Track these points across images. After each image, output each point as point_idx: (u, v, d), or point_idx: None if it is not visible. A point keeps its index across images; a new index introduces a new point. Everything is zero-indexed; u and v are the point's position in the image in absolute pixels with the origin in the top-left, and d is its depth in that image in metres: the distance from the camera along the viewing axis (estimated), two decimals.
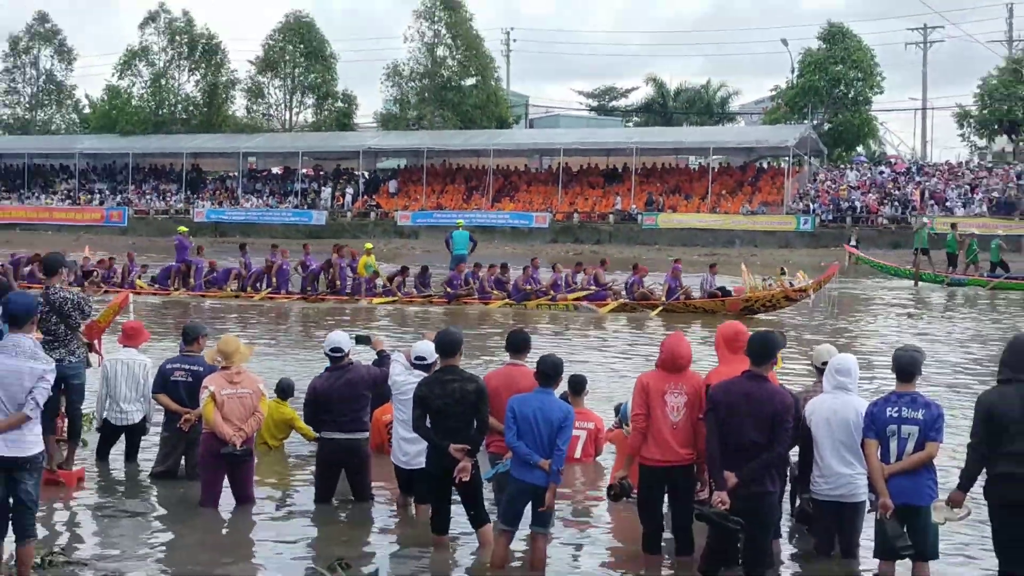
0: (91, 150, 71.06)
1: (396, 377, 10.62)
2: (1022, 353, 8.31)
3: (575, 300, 30.38)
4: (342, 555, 8.94)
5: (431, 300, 31.64)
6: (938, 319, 29.85)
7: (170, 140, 71.82)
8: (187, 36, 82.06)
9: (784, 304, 29.28)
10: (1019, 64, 70.08)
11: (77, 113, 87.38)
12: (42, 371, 7.61)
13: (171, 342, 19.68)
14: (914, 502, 8.51)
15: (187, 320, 13.75)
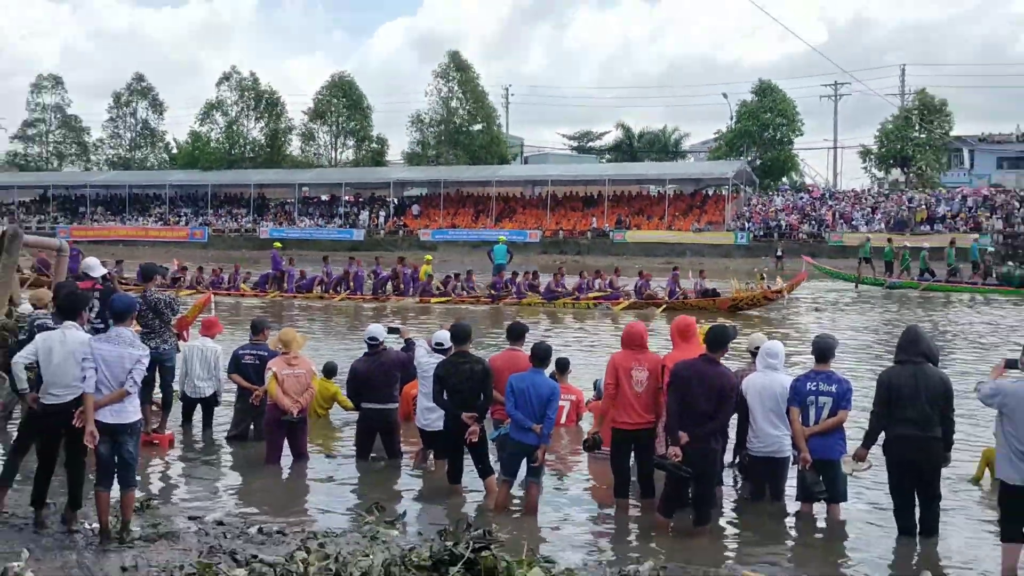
0: (178, 182, 71.03)
1: (420, 360, 10.66)
2: (913, 340, 8.37)
3: (594, 299, 29.95)
4: (377, 499, 8.98)
5: (478, 300, 31.00)
6: (846, 313, 29.78)
7: (240, 174, 71.79)
8: (253, 92, 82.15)
9: (764, 303, 29.00)
10: (909, 113, 70.13)
11: (167, 153, 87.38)
12: (139, 356, 7.66)
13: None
14: (828, 457, 8.58)
15: (271, 317, 13.43)
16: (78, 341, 7.69)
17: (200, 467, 10.56)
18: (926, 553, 7.94)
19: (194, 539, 7.63)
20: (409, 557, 6.75)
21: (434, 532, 7.65)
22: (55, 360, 7.66)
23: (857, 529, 8.60)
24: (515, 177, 68.53)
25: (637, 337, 8.96)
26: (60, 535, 7.65)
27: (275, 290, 32.68)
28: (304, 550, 6.98)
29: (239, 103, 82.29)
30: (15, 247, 10.71)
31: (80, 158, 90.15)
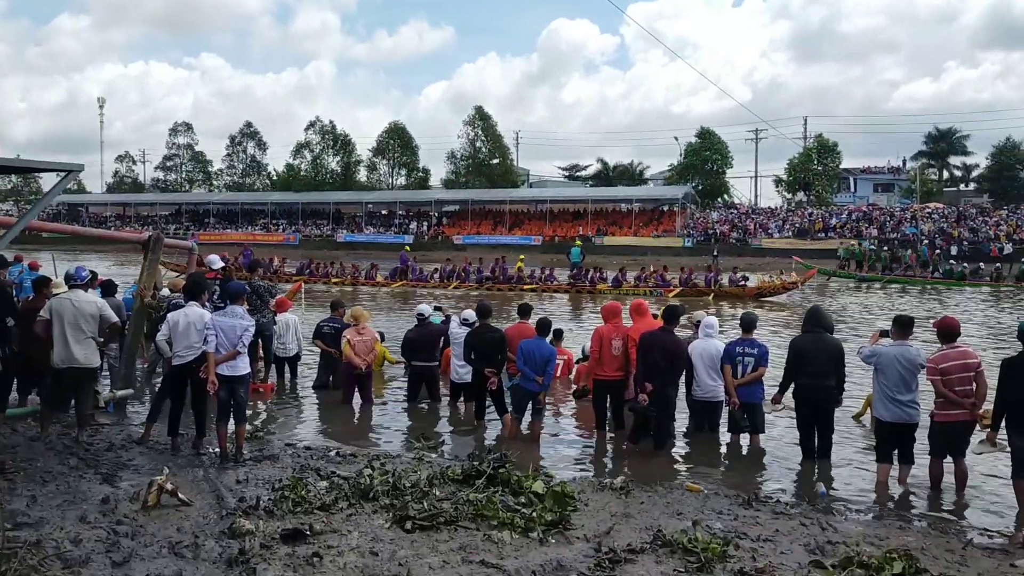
0: (277, 201, 70.68)
1: (453, 331, 10.71)
2: (814, 316, 8.38)
3: (650, 288, 28.12)
4: (422, 431, 8.97)
5: (561, 288, 29.70)
6: (830, 297, 28.95)
7: (322, 195, 71.48)
8: (331, 134, 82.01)
9: (782, 292, 27.40)
10: (810, 151, 69.62)
11: (268, 179, 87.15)
12: (247, 326, 7.68)
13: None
14: (751, 400, 8.57)
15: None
16: (197, 315, 7.76)
17: (293, 408, 10.55)
18: (822, 470, 7.91)
19: (289, 460, 7.63)
20: (446, 472, 6.75)
21: (464, 455, 7.66)
22: (180, 330, 7.76)
23: (772, 453, 8.55)
24: (523, 197, 68.26)
25: (615, 312, 8.98)
26: (191, 457, 7.67)
27: (402, 281, 31.99)
28: (370, 467, 6.99)
29: (321, 143, 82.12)
30: (158, 247, 10.75)
31: (205, 183, 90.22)
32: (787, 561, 5.23)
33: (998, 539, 6.04)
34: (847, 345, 9.03)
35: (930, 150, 75.33)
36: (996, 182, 66.36)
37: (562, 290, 29.69)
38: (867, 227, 51.52)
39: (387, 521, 5.73)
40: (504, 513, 5.75)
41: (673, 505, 6.50)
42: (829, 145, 69.73)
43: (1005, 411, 6.58)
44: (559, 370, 11.86)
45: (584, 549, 5.30)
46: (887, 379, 7.28)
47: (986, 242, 45.71)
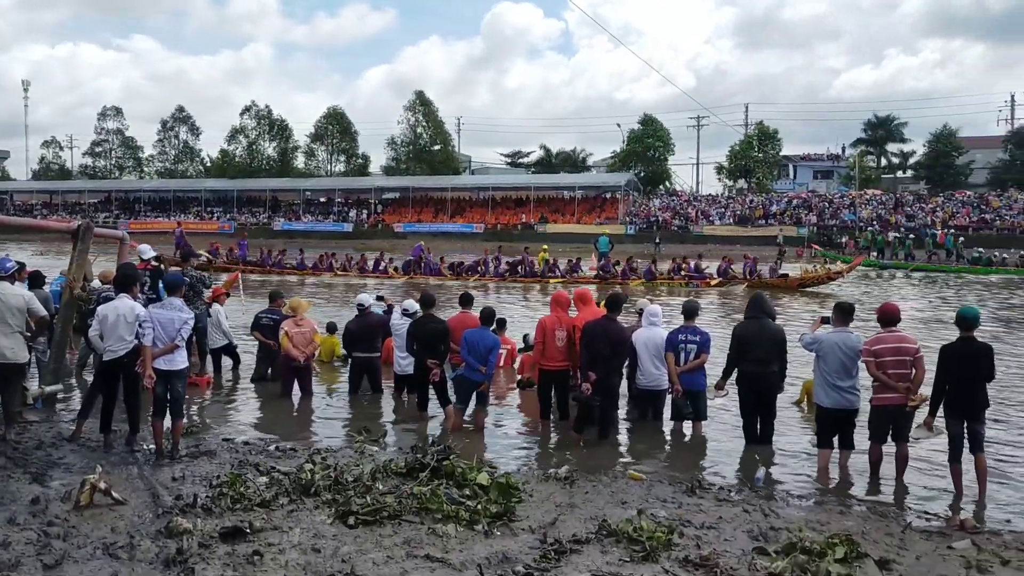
0: (211, 188, 69.21)
1: (394, 321, 10.62)
2: (756, 304, 8.52)
3: (685, 280, 27.48)
4: (364, 424, 8.89)
5: (589, 281, 27.69)
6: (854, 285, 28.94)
7: (258, 181, 70.33)
8: (268, 119, 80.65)
9: (826, 281, 26.71)
10: (751, 138, 70.91)
11: (202, 165, 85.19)
12: (186, 319, 7.54)
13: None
14: (694, 388, 8.69)
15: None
16: (128, 308, 7.57)
17: (231, 402, 10.37)
18: (764, 455, 8.06)
19: (227, 455, 7.50)
20: (389, 466, 6.72)
21: (408, 447, 7.61)
22: (109, 323, 7.55)
23: (715, 440, 8.70)
24: (465, 185, 68.12)
25: (560, 302, 9.00)
26: (125, 454, 7.49)
27: (415, 273, 30.77)
28: (311, 462, 6.91)
29: (257, 128, 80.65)
30: (88, 237, 10.41)
31: (135, 169, 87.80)
32: (731, 548, 5.33)
33: (936, 522, 6.24)
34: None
35: (869, 137, 77.30)
36: (933, 169, 68.49)
37: (591, 283, 27.62)
38: (807, 214, 52.72)
39: (329, 517, 5.68)
40: (449, 506, 5.74)
41: (618, 494, 6.57)
42: (769, 132, 71.11)
43: (942, 397, 6.83)
44: (503, 360, 11.88)
45: (529, 540, 5.33)
46: (828, 365, 7.45)
47: (923, 228, 47.18)
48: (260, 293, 21.78)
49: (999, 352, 7.54)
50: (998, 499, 6.92)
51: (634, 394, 9.39)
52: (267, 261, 33.34)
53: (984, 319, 16.84)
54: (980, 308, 17.54)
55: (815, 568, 4.79)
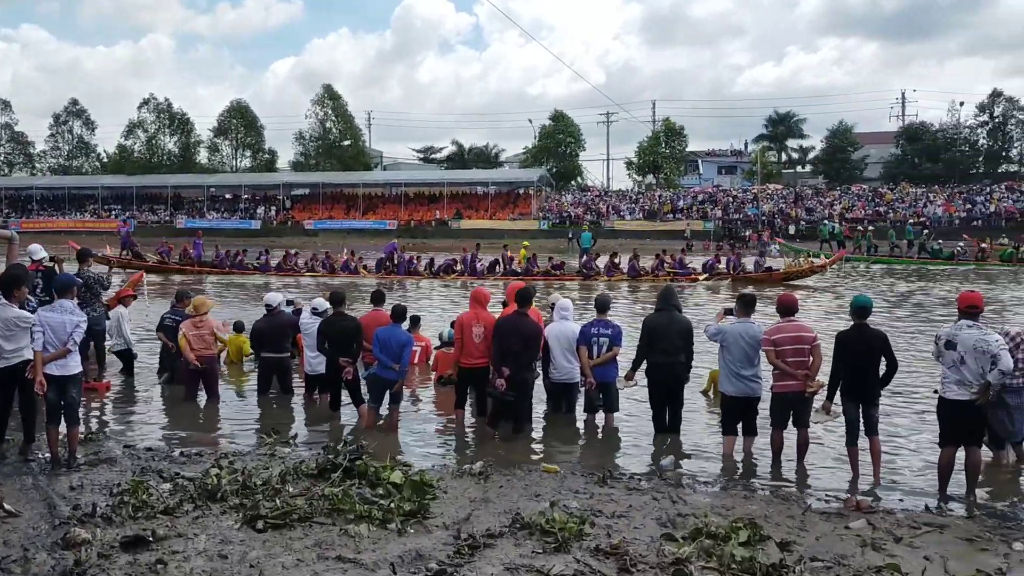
0: (108, 185, 66.56)
1: (304, 320, 10.44)
2: (666, 296, 8.70)
3: (671, 276, 26.72)
4: (274, 425, 8.71)
5: (572, 278, 27.58)
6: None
7: (159, 178, 67.92)
8: (168, 113, 78.02)
9: (810, 275, 26.73)
10: (659, 135, 72.31)
11: (99, 161, 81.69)
12: (78, 322, 7.22)
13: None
14: (606, 380, 8.81)
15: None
16: (13, 315, 7.21)
17: (132, 406, 10.00)
18: (672, 443, 8.28)
19: (128, 462, 7.24)
20: (300, 467, 6.61)
21: (319, 448, 7.50)
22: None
23: (626, 430, 8.87)
24: (377, 181, 67.31)
25: (477, 298, 8.99)
26: (19, 463, 7.14)
27: (391, 273, 29.36)
28: (217, 466, 6.73)
29: (157, 122, 77.86)
30: None
31: (26, 166, 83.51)
32: (640, 536, 5.45)
33: (834, 503, 6.51)
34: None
35: (770, 134, 79.94)
36: (830, 164, 71.22)
37: (575, 280, 27.67)
38: (712, 208, 54.17)
39: (237, 522, 5.55)
40: (361, 506, 5.68)
41: (531, 487, 6.62)
42: (676, 129, 72.72)
43: (839, 382, 7.14)
44: (416, 357, 11.84)
45: (443, 537, 5.32)
46: (731, 355, 7.69)
47: (822, 221, 49.13)
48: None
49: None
50: (892, 479, 7.28)
51: (547, 387, 9.48)
52: (226, 262, 31.56)
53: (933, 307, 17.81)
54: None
55: (720, 552, 4.93)
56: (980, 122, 66.53)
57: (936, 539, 5.60)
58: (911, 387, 10.72)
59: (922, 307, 20.48)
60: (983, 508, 6.56)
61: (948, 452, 6.76)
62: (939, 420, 6.84)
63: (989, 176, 62.57)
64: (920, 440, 8.38)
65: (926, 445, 8.01)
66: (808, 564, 4.91)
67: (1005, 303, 21.22)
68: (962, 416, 6.61)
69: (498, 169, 78.38)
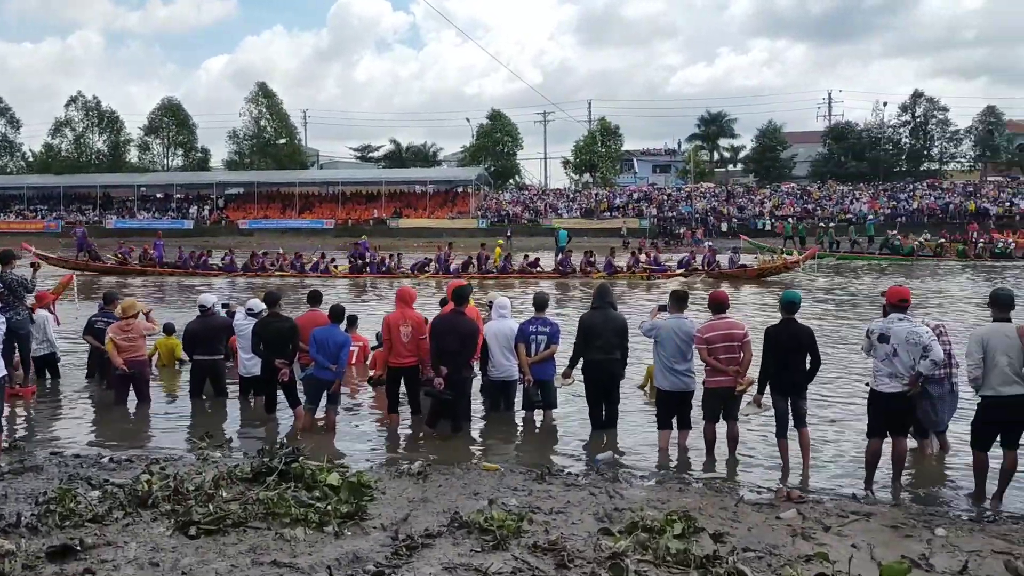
0: (34, 184, 64.19)
1: (238, 322, 10.23)
2: (603, 293, 8.76)
3: (647, 272, 27.01)
4: (207, 429, 8.51)
5: (550, 275, 27.63)
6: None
7: (87, 177, 65.88)
8: (97, 111, 75.62)
9: (783, 271, 27.01)
10: (595, 134, 72.86)
11: (24, 161, 78.78)
12: None
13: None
14: (544, 377, 8.85)
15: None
16: None
17: (59, 412, 9.69)
18: (609, 438, 8.36)
19: (55, 470, 6.99)
20: (234, 472, 6.45)
21: (254, 451, 7.35)
22: None
23: (564, 426, 8.92)
24: (313, 179, 66.41)
25: (404, 297, 8.94)
26: None
27: (364, 272, 28.97)
28: (148, 472, 6.53)
29: (85, 120, 75.41)
30: None
31: None
32: (578, 531, 5.47)
33: (766, 494, 6.65)
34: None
35: (702, 133, 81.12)
36: (760, 163, 72.76)
37: (551, 278, 27.58)
38: (648, 206, 54.85)
39: (168, 528, 5.39)
40: (297, 509, 5.58)
41: (470, 486, 6.60)
42: (612, 128, 73.40)
43: (768, 376, 7.29)
44: (354, 357, 11.72)
45: (381, 538, 5.27)
46: (665, 351, 7.80)
47: (753, 219, 50.20)
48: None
49: None
50: (820, 469, 7.47)
51: (486, 385, 9.48)
52: (188, 263, 30.55)
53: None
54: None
55: (655, 545, 4.98)
56: (903, 122, 68.82)
57: (863, 527, 5.76)
58: (843, 378, 11.01)
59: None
60: (908, 496, 6.78)
61: (875, 442, 6.95)
62: (869, 412, 7.02)
63: (911, 174, 64.79)
64: (849, 431, 8.61)
65: (855, 436, 8.23)
66: (740, 554, 4.99)
67: (930, 295, 21.97)
68: (893, 408, 6.81)
69: (436, 168, 78.05)
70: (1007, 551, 5.29)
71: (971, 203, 49.11)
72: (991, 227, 43.29)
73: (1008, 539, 5.58)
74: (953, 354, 7.57)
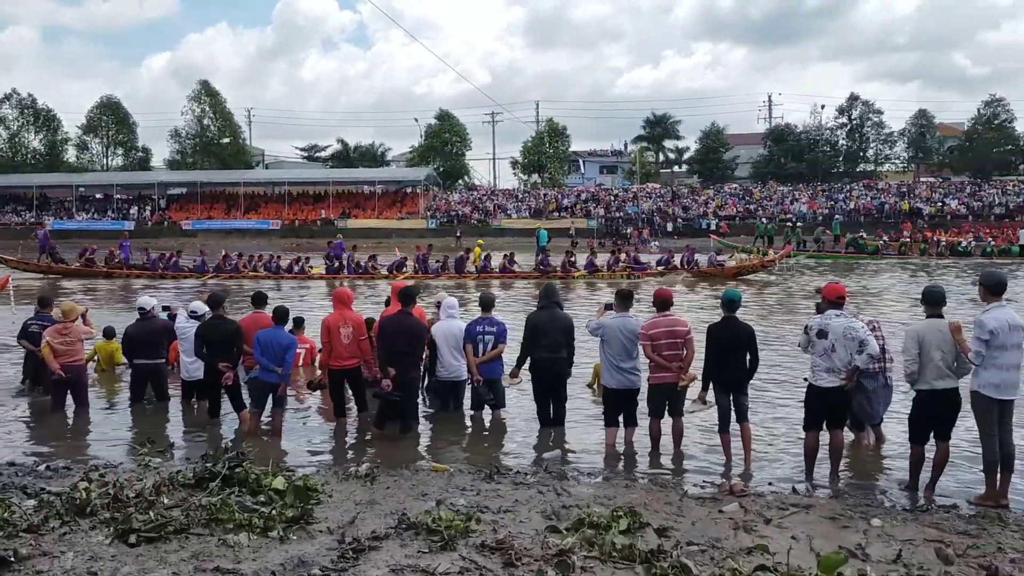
0: None
1: (179, 325, 10.00)
2: (549, 293, 8.79)
3: (626, 271, 27.15)
4: (149, 435, 8.32)
5: (529, 276, 27.38)
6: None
7: (22, 177, 63.72)
8: (32, 109, 73.27)
9: (760, 270, 27.37)
10: (543, 135, 72.92)
11: None
12: None
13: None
14: (492, 377, 8.86)
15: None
16: None
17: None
18: (557, 436, 8.39)
19: None
20: (176, 478, 6.31)
21: (197, 456, 7.20)
22: None
23: (512, 425, 8.93)
24: (259, 179, 65.23)
25: (342, 299, 8.86)
26: None
27: (340, 273, 28.29)
28: (86, 480, 6.34)
29: (19, 119, 73.01)
30: None
31: None
32: (525, 529, 5.47)
33: (710, 488, 6.74)
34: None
35: (648, 134, 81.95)
36: (704, 164, 73.79)
37: (531, 277, 27.24)
38: (595, 207, 55.25)
39: (108, 537, 5.25)
40: (241, 514, 5.47)
41: (419, 487, 6.56)
42: (559, 129, 73.72)
43: (710, 373, 7.39)
44: (301, 359, 11.58)
45: (327, 542, 5.20)
46: (611, 349, 7.85)
47: (697, 219, 50.92)
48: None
49: None
50: (763, 463, 7.60)
51: (434, 386, 9.42)
52: (157, 264, 29.50)
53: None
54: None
55: (601, 541, 5.01)
56: (839, 124, 70.38)
57: (803, 519, 5.87)
58: (784, 374, 11.22)
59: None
60: (846, 487, 6.94)
61: (813, 436, 7.10)
62: (807, 406, 7.17)
63: (848, 175, 66.40)
64: (788, 425, 8.78)
65: (795, 430, 8.39)
66: (684, 548, 5.05)
67: (864, 293, 22.54)
68: (830, 402, 6.96)
69: (385, 168, 77.49)
70: (938, 539, 5.45)
71: (905, 203, 50.55)
72: (924, 226, 44.61)
73: (940, 528, 5.75)
74: (887, 349, 7.77)
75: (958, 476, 7.19)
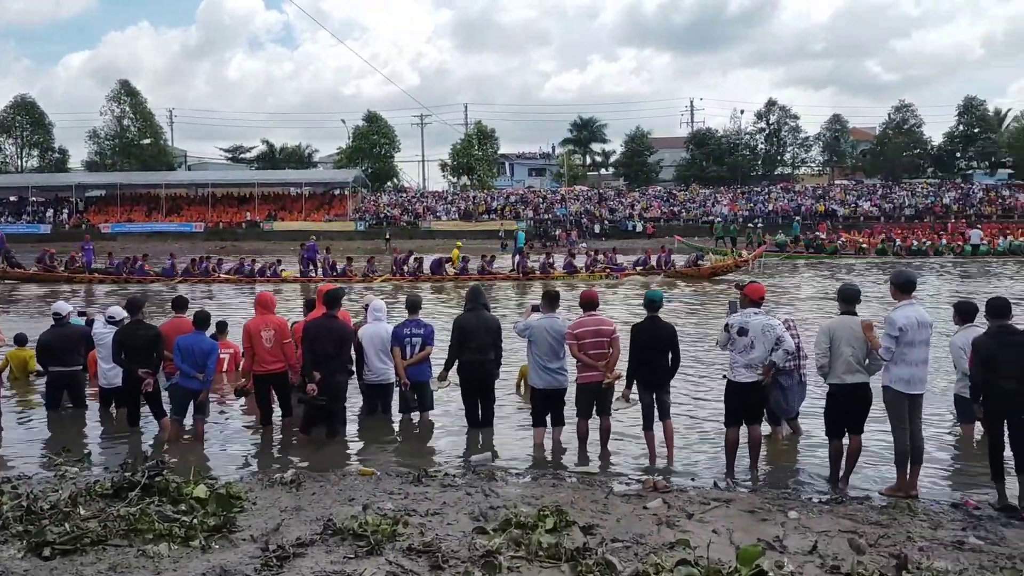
0: None
1: (97, 331, 9.67)
2: (476, 295, 8.79)
3: (604, 272, 27.41)
4: (65, 444, 8.00)
5: (508, 276, 27.47)
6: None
7: None
8: None
9: (734, 270, 27.57)
10: (471, 137, 72.88)
11: None
12: None
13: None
14: (420, 379, 8.79)
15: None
16: None
17: None
18: (486, 437, 8.40)
19: None
20: (93, 488, 6.09)
21: (116, 466, 6.96)
22: None
23: (440, 428, 8.89)
24: (181, 181, 63.47)
25: (263, 303, 8.70)
26: None
27: (314, 276, 27.49)
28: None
29: None
30: None
31: None
32: (453, 531, 5.46)
33: (635, 485, 6.83)
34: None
35: (575, 137, 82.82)
36: (629, 167, 74.95)
37: (510, 279, 27.38)
38: (524, 209, 55.51)
39: (20, 550, 5.02)
40: (161, 524, 5.31)
41: (345, 492, 6.48)
42: (488, 132, 73.84)
43: (634, 371, 7.50)
44: (225, 364, 11.32)
45: (250, 550, 5.08)
46: (539, 349, 7.89)
47: (624, 220, 51.66)
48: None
49: None
50: (685, 459, 7.74)
51: (362, 389, 9.31)
52: (122, 268, 28.15)
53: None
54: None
55: (527, 540, 5.03)
56: (758, 128, 72.43)
57: (723, 513, 6.00)
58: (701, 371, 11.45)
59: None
60: (764, 481, 7.12)
61: (733, 431, 7.26)
62: (726, 402, 7.33)
63: (767, 178, 68.36)
64: (712, 421, 8.97)
65: (716, 426, 8.57)
66: (609, 545, 5.11)
67: (783, 291, 23.18)
68: (749, 398, 7.14)
69: (312, 170, 76.32)
70: (852, 530, 5.64)
71: (820, 204, 52.27)
72: (839, 227, 46.15)
73: (854, 518, 5.95)
74: (802, 346, 8.01)
75: (873, 469, 7.44)
